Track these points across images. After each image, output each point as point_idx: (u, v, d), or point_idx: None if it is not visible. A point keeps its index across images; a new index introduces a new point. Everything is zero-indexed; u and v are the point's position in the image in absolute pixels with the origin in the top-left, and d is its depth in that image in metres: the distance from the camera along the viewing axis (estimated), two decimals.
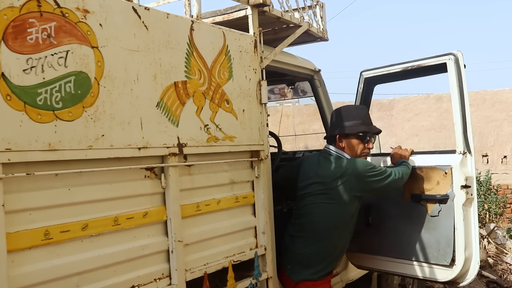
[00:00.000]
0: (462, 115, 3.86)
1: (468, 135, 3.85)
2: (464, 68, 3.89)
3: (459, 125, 3.87)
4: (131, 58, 2.65)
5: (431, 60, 4.07)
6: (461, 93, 3.85)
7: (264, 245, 3.54)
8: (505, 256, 8.70)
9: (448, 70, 3.90)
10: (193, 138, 3.00)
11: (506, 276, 7.42)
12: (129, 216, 2.64)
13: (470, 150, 3.83)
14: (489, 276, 6.78)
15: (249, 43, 3.50)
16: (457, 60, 3.87)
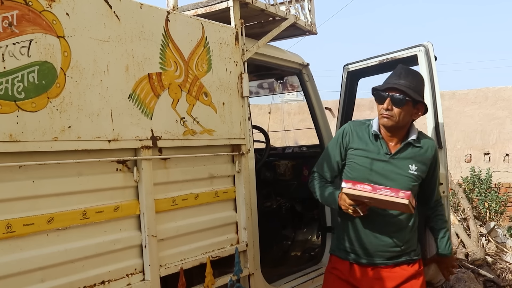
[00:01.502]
0: (433, 109, 3.71)
1: (440, 130, 3.69)
2: (435, 60, 3.77)
3: (430, 120, 3.73)
4: (101, 48, 2.59)
5: (403, 52, 3.96)
6: (432, 85, 3.72)
7: (246, 241, 3.48)
8: (505, 255, 8.61)
9: (419, 62, 3.78)
10: (168, 131, 2.94)
11: (504, 275, 7.32)
12: (98, 210, 2.58)
13: (441, 145, 3.69)
14: (486, 275, 6.68)
15: (230, 35, 3.43)
16: (427, 51, 3.75)
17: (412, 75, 3.05)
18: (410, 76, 3.03)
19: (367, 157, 3.06)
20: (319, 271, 4.47)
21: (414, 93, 2.95)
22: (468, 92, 11.93)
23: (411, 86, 2.96)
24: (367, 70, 4.41)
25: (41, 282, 2.33)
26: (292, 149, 5.41)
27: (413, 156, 3.03)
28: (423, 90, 3.11)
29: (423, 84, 3.11)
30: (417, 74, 3.14)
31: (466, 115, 11.77)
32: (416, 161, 3.02)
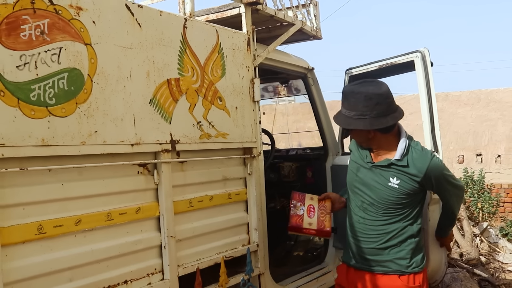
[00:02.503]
0: (429, 114, 3.80)
1: (436, 134, 3.78)
2: (432, 66, 3.86)
3: (427, 124, 3.82)
4: (124, 55, 2.67)
5: (401, 58, 4.06)
6: (428, 90, 3.82)
7: (257, 242, 3.58)
8: (498, 255, 8.76)
9: (416, 68, 3.88)
10: (186, 135, 3.03)
11: (498, 274, 7.46)
12: (122, 211, 2.66)
13: (438, 149, 3.78)
14: (481, 274, 6.81)
15: (242, 41, 3.52)
16: (423, 57, 3.84)
17: (354, 99, 2.97)
18: (352, 101, 2.97)
19: (356, 162, 3.18)
20: (322, 271, 4.58)
21: (369, 122, 2.92)
22: (461, 94, 12.09)
23: (351, 114, 2.96)
24: (368, 74, 4.50)
25: (70, 281, 2.41)
26: (296, 151, 5.51)
27: (395, 169, 3.00)
28: (372, 103, 2.92)
29: (369, 100, 2.92)
30: (359, 93, 2.96)
31: (459, 117, 11.93)
32: (398, 175, 2.99)
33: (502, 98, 11.64)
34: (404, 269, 3.05)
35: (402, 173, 2.98)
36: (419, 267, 3.09)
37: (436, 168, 2.99)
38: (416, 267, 3.07)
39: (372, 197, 3.05)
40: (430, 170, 2.96)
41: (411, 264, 3.06)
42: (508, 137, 11.57)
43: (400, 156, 2.97)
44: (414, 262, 3.07)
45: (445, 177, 3.05)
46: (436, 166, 2.99)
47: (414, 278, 3.06)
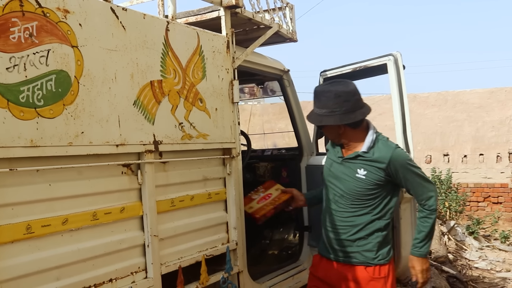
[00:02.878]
0: (401, 115, 3.94)
1: (408, 135, 3.91)
2: (404, 69, 3.99)
3: (399, 125, 3.95)
4: (109, 57, 2.72)
5: (374, 61, 4.18)
6: (400, 93, 3.94)
7: (236, 240, 3.65)
8: (464, 252, 9.00)
9: (388, 70, 4.00)
10: (168, 136, 3.09)
11: (465, 271, 7.68)
12: (107, 211, 2.71)
13: (410, 149, 3.90)
14: (449, 271, 7.01)
15: (222, 43, 3.59)
16: (396, 60, 3.97)
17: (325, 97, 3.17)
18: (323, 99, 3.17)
19: (330, 158, 3.40)
20: (298, 269, 4.68)
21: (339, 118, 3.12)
22: (428, 95, 12.34)
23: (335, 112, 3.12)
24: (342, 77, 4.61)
25: (57, 280, 2.45)
26: (271, 151, 5.59)
27: (362, 161, 3.18)
28: (340, 100, 3.12)
29: (338, 97, 3.12)
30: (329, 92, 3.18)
31: (427, 118, 12.18)
32: (365, 167, 3.17)
33: (469, 100, 11.92)
34: (370, 261, 3.23)
35: (369, 164, 3.17)
36: (385, 259, 3.26)
37: (399, 156, 3.16)
38: (382, 259, 3.25)
39: (342, 189, 3.25)
40: (393, 158, 3.13)
41: (377, 256, 3.24)
42: (474, 137, 11.85)
43: (367, 149, 3.18)
44: (380, 255, 3.24)
45: (409, 167, 3.18)
46: (399, 155, 3.17)
47: (379, 269, 3.25)
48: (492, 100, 11.78)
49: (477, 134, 11.84)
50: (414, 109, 12.12)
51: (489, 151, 11.77)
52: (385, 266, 3.26)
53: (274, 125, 13.36)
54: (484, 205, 11.76)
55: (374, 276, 3.23)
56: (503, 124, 11.66)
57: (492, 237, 10.45)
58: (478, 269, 8.09)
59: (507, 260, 8.79)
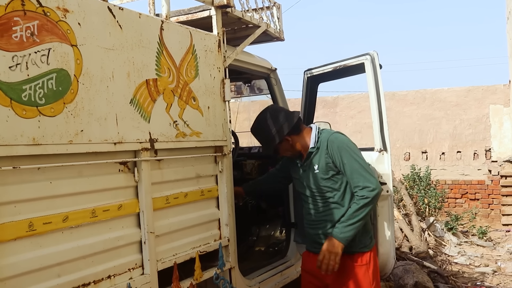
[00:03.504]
0: (378, 114, 4.00)
1: (385, 133, 3.98)
2: (380, 68, 4.06)
3: (376, 124, 4.02)
4: (107, 56, 2.74)
5: (353, 60, 4.24)
6: (377, 92, 4.01)
7: (228, 237, 3.70)
8: (444, 248, 9.16)
9: (366, 70, 4.08)
10: (163, 134, 3.12)
11: (445, 266, 7.81)
12: (105, 208, 2.74)
13: (386, 148, 3.98)
14: (430, 267, 7.12)
15: (213, 42, 3.63)
16: (373, 60, 4.04)
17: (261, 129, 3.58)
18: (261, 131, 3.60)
19: (293, 171, 3.74)
20: (285, 265, 4.75)
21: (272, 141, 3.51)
22: (407, 93, 12.50)
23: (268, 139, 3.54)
24: (324, 76, 4.68)
25: (58, 277, 2.47)
26: (258, 149, 5.64)
27: (314, 157, 3.50)
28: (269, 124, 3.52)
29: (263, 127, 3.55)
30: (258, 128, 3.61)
31: (405, 115, 12.35)
32: (317, 159, 3.48)
33: (446, 98, 12.11)
34: (352, 249, 3.41)
35: (318, 155, 3.47)
36: (366, 247, 3.50)
37: (336, 138, 3.46)
38: (363, 247, 3.48)
39: (309, 189, 3.53)
40: (330, 140, 3.44)
41: (358, 244, 3.45)
42: (452, 135, 12.04)
43: (314, 143, 3.50)
44: (361, 243, 3.47)
45: (346, 150, 3.40)
46: (337, 137, 3.47)
47: (361, 256, 3.47)
48: (469, 98, 11.98)
49: (454, 131, 12.04)
50: (393, 107, 12.28)
51: (466, 148, 11.98)
52: (366, 254, 3.48)
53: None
54: (462, 201, 11.96)
55: (356, 263, 3.44)
56: (480, 122, 11.87)
57: (470, 233, 10.64)
58: (457, 264, 8.23)
59: (485, 255, 8.96)
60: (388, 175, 3.96)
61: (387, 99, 12.19)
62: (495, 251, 9.37)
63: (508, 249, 9.33)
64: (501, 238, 10.41)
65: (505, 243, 10.02)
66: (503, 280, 7.39)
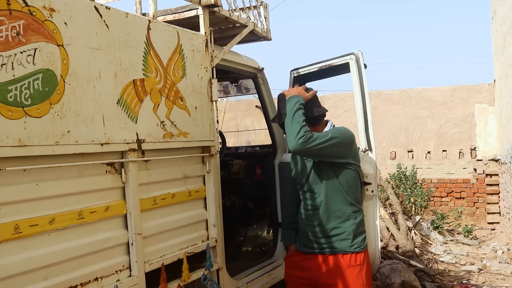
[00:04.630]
0: (363, 113, 4.01)
1: (369, 133, 3.98)
2: (365, 67, 4.07)
3: (361, 123, 4.03)
4: (94, 56, 2.72)
5: (338, 59, 4.24)
6: (362, 91, 4.02)
7: (215, 237, 3.68)
8: (430, 247, 9.20)
9: (350, 69, 4.08)
10: (150, 134, 3.10)
11: (431, 265, 7.84)
12: (92, 210, 2.72)
13: (371, 147, 3.98)
14: (416, 265, 7.14)
15: (200, 42, 3.62)
16: (357, 59, 4.04)
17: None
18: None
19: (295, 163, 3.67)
20: (273, 265, 4.74)
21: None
22: (393, 92, 12.54)
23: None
24: (310, 75, 4.68)
25: (45, 280, 2.44)
26: (245, 148, 5.64)
27: None
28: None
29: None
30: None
31: (391, 114, 12.38)
32: None
33: (432, 97, 12.15)
34: (346, 249, 3.43)
35: None
36: (360, 247, 3.46)
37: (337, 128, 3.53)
38: (357, 247, 3.44)
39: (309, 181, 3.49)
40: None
41: (353, 244, 3.43)
42: (437, 134, 12.08)
43: None
44: (355, 243, 3.43)
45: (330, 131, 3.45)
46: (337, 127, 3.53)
47: (355, 257, 3.43)
48: (455, 97, 12.03)
49: (440, 130, 12.08)
50: (379, 106, 12.32)
51: (451, 147, 12.02)
52: (360, 254, 3.46)
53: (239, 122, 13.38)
54: (447, 200, 12.01)
55: (350, 263, 3.42)
56: (465, 121, 11.92)
57: (456, 231, 10.69)
58: (443, 263, 8.27)
59: (471, 254, 9.00)
60: (373, 175, 3.96)
61: (373, 98, 12.25)
62: (480, 249, 9.43)
63: (493, 247, 9.39)
64: (486, 236, 10.47)
65: (490, 241, 10.08)
66: (488, 279, 7.43)
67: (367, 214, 3.88)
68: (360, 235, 3.49)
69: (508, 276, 7.48)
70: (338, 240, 3.43)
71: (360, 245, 3.47)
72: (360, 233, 3.51)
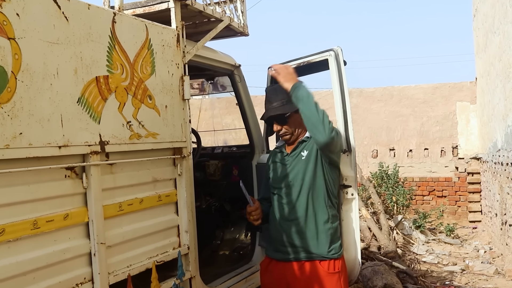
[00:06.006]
0: (343, 112, 3.81)
1: (349, 133, 3.78)
2: (345, 64, 3.88)
3: (340, 123, 3.80)
4: (51, 51, 2.49)
5: (316, 56, 4.03)
6: (341, 89, 3.82)
7: (187, 244, 3.47)
8: (412, 246, 9.09)
9: (329, 66, 3.88)
10: (115, 136, 2.88)
11: (414, 265, 7.73)
12: (49, 218, 2.49)
13: (351, 148, 3.77)
14: (399, 267, 7.01)
15: (171, 37, 3.40)
16: (337, 56, 3.85)
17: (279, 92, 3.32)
18: (279, 94, 3.32)
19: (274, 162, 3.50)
20: (251, 270, 4.54)
21: (288, 107, 3.29)
22: (374, 90, 12.44)
23: (283, 103, 3.32)
24: None
25: None
26: (222, 149, 5.43)
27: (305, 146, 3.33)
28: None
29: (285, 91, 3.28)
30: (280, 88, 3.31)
31: (373, 112, 12.28)
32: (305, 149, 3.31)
33: (414, 95, 12.09)
34: (324, 255, 3.23)
35: (309, 144, 3.30)
36: (337, 253, 3.29)
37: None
38: (335, 253, 3.27)
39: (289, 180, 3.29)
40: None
41: (330, 250, 3.25)
42: (419, 132, 12.03)
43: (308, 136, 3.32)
44: (333, 249, 3.26)
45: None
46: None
47: (334, 263, 3.26)
48: (436, 95, 11.99)
49: (422, 129, 12.03)
50: (360, 104, 12.21)
51: (433, 145, 11.99)
52: (338, 261, 3.29)
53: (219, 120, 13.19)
54: (429, 198, 11.97)
55: (329, 271, 3.24)
56: (447, 119, 11.88)
57: (437, 230, 10.62)
58: (426, 263, 8.17)
59: (453, 253, 8.93)
60: (353, 178, 3.78)
61: (355, 96, 12.13)
62: (462, 248, 9.37)
63: (475, 247, 9.33)
64: (468, 235, 10.44)
65: (472, 240, 10.05)
66: (471, 279, 7.34)
67: (347, 218, 3.70)
68: (337, 240, 3.34)
69: (491, 277, 7.39)
70: (315, 245, 3.24)
71: (338, 251, 3.30)
72: (337, 238, 3.35)
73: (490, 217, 9.89)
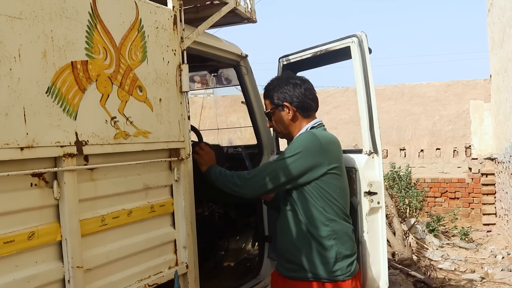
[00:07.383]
0: (368, 109, 3.34)
1: (375, 132, 3.33)
2: (370, 53, 3.39)
3: (365, 121, 3.36)
4: (10, 27, 1.97)
5: (336, 43, 3.55)
6: (366, 81, 3.34)
7: (186, 262, 2.95)
8: (426, 251, 8.62)
9: (352, 55, 3.40)
10: (96, 134, 2.36)
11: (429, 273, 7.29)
12: (7, 239, 1.96)
13: (377, 150, 3.32)
14: (416, 276, 6.57)
15: (167, 18, 2.88)
16: (360, 42, 3.35)
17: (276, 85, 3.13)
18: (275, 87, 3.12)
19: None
20: (259, 286, 4.04)
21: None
22: (385, 88, 12.01)
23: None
24: (303, 63, 3.99)
25: None
26: (227, 149, 4.90)
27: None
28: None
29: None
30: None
31: (383, 111, 11.82)
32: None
33: (425, 93, 11.70)
34: (326, 276, 2.85)
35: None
36: (345, 275, 2.87)
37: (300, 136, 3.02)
38: (341, 275, 2.86)
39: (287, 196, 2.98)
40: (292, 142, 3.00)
41: (335, 270, 2.86)
42: (431, 131, 11.65)
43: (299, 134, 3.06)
44: (339, 269, 2.86)
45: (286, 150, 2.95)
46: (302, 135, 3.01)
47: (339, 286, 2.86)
48: (449, 93, 11.59)
49: (433, 128, 11.65)
50: None
51: (445, 145, 11.62)
52: (346, 283, 2.85)
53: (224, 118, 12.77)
54: (441, 200, 11.58)
55: None
56: (459, 118, 11.49)
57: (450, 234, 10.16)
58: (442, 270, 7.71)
59: (469, 259, 8.52)
60: (380, 183, 3.29)
61: None
62: (478, 253, 8.97)
63: (491, 251, 8.90)
64: (482, 239, 10.05)
65: (487, 244, 9.66)
66: None
67: (372, 231, 3.21)
68: (345, 258, 2.87)
69: None
70: (317, 264, 2.86)
71: (345, 272, 2.85)
72: (346, 256, 2.88)
73: (506, 220, 9.46)
